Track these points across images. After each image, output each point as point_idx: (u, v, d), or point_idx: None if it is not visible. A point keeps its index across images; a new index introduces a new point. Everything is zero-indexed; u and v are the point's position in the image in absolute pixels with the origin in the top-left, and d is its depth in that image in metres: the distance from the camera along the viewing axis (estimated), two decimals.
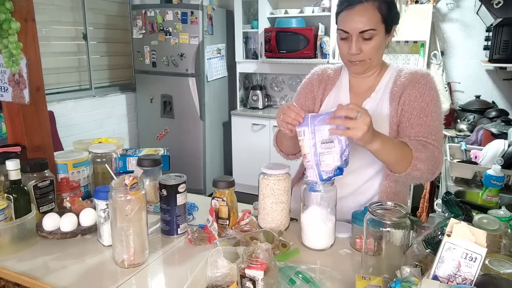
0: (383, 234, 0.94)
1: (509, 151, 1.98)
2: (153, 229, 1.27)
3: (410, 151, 1.15)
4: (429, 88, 1.26)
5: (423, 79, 1.27)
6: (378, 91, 1.32)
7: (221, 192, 1.22)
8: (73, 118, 3.77)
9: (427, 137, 1.22)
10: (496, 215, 1.04)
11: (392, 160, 1.17)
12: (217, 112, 4.31)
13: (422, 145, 1.19)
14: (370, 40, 1.20)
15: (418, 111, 1.24)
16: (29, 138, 1.36)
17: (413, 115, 1.24)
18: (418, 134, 1.22)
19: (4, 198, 1.15)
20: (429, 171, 1.19)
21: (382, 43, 1.24)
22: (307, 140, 1.07)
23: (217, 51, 4.17)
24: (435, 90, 1.27)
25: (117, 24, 4.29)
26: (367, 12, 1.18)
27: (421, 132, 1.22)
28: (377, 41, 1.21)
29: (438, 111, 1.26)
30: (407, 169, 1.16)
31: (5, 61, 1.24)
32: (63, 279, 1.01)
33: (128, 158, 1.49)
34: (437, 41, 3.59)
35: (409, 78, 1.28)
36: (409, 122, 1.25)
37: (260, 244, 0.90)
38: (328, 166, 1.08)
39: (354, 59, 1.24)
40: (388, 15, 1.21)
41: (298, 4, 4.02)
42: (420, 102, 1.24)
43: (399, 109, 1.27)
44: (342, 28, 1.22)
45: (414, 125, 1.23)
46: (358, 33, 1.19)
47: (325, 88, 1.41)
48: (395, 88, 1.29)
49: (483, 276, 0.78)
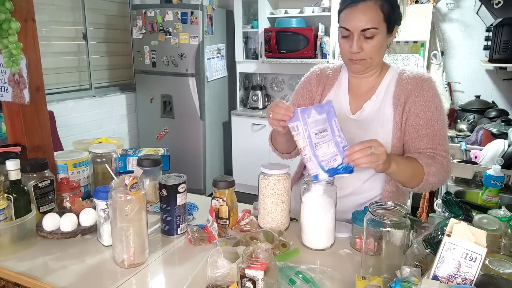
0: (383, 234, 0.94)
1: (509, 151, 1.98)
2: (153, 229, 1.27)
3: (421, 167, 1.18)
4: (433, 95, 1.26)
5: (426, 84, 1.27)
6: (379, 94, 1.31)
7: (221, 192, 1.22)
8: (73, 118, 3.77)
9: (435, 148, 1.24)
10: (496, 215, 1.04)
11: (406, 178, 1.21)
12: (217, 112, 4.31)
13: (431, 159, 1.21)
14: (372, 39, 1.20)
15: (425, 121, 1.25)
16: (29, 138, 1.36)
17: (420, 125, 1.25)
18: (427, 146, 1.24)
19: (4, 198, 1.14)
20: (440, 182, 1.23)
21: (384, 43, 1.24)
22: (301, 133, 1.08)
23: (217, 51, 4.17)
24: (438, 97, 1.28)
25: (117, 24, 4.29)
26: (369, 11, 1.18)
27: (430, 144, 1.24)
28: (378, 40, 1.21)
29: (443, 118, 1.27)
30: (419, 184, 1.20)
31: (5, 61, 1.24)
32: (63, 279, 1.01)
33: (128, 158, 1.49)
34: (437, 41, 3.59)
35: (412, 83, 1.28)
36: (417, 134, 1.25)
37: (260, 244, 0.90)
38: (326, 155, 1.09)
39: (354, 57, 1.23)
40: (390, 15, 1.20)
41: (298, 4, 4.02)
42: (426, 111, 1.25)
43: (404, 116, 1.27)
44: (344, 26, 1.22)
45: (423, 136, 1.25)
46: (360, 31, 1.19)
47: (323, 88, 1.40)
48: (397, 91, 1.28)
49: (483, 276, 0.78)
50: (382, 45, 1.23)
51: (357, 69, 1.29)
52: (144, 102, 4.28)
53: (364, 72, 1.31)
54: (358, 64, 1.25)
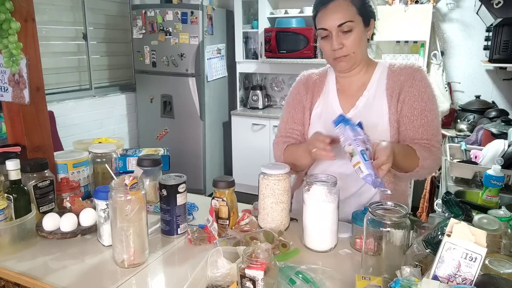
0: (383, 234, 0.94)
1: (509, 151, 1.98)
2: (153, 229, 1.27)
3: (417, 159, 1.23)
4: (425, 85, 1.29)
5: (418, 74, 1.29)
6: (370, 88, 1.33)
7: (221, 192, 1.22)
8: (73, 118, 3.77)
9: (430, 140, 1.27)
10: (496, 215, 1.04)
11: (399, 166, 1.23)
12: (217, 112, 4.31)
13: (428, 152, 1.26)
14: (350, 32, 1.22)
15: (419, 111, 1.27)
16: (29, 138, 1.36)
17: (414, 115, 1.27)
18: (422, 137, 1.27)
19: (4, 198, 1.14)
20: (429, 173, 1.31)
21: (363, 36, 1.26)
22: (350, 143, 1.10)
23: (217, 51, 4.17)
24: (430, 86, 1.31)
25: (117, 24, 4.29)
26: (341, 8, 1.21)
27: (425, 134, 1.27)
28: (357, 33, 1.23)
29: (436, 107, 1.31)
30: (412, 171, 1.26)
31: (5, 61, 1.24)
32: (63, 279, 1.01)
33: (128, 158, 1.49)
34: (437, 41, 3.59)
35: (404, 73, 1.30)
36: (412, 124, 1.28)
37: (260, 244, 0.89)
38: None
39: (338, 55, 1.25)
40: (362, 7, 1.23)
41: (298, 4, 4.02)
42: (420, 102, 1.27)
43: (398, 106, 1.29)
44: (321, 27, 1.25)
45: (418, 127, 1.27)
46: (337, 28, 1.21)
47: (312, 95, 1.41)
48: (391, 83, 1.30)
49: (483, 276, 0.78)
50: (361, 38, 1.25)
51: (343, 67, 1.29)
52: (144, 102, 4.28)
53: (351, 69, 1.32)
54: (343, 61, 1.27)
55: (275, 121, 3.98)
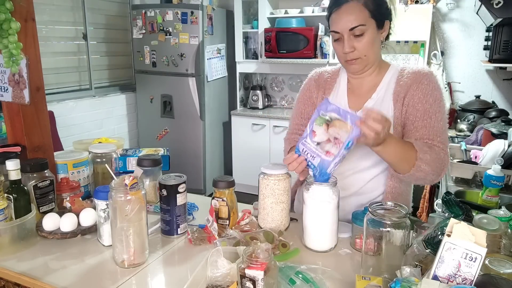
0: (383, 234, 0.94)
1: (509, 151, 1.98)
2: (153, 229, 1.27)
3: (415, 152, 1.16)
4: (432, 88, 1.26)
5: (426, 79, 1.27)
6: (380, 91, 1.31)
7: (221, 192, 1.22)
8: (73, 118, 3.77)
9: (432, 139, 1.23)
10: (496, 215, 1.04)
11: (394, 160, 1.18)
12: (217, 112, 4.31)
13: (428, 147, 1.19)
14: (362, 36, 1.21)
15: (422, 113, 1.24)
16: (29, 138, 1.36)
17: (417, 117, 1.25)
18: (423, 137, 1.23)
19: (4, 198, 1.14)
20: (434, 173, 1.20)
21: (375, 39, 1.24)
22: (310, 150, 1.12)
23: (217, 51, 4.17)
24: (438, 90, 1.27)
25: (117, 24, 4.29)
26: (353, 10, 1.20)
27: (426, 135, 1.23)
28: (369, 36, 1.22)
29: (442, 111, 1.26)
30: (410, 169, 1.17)
31: (5, 61, 1.24)
32: (63, 279, 1.01)
33: (128, 158, 1.49)
34: (437, 41, 3.59)
35: (412, 78, 1.28)
36: (413, 125, 1.25)
37: (260, 244, 0.89)
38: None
39: (349, 57, 1.25)
40: (376, 10, 1.22)
41: (298, 4, 4.02)
42: (424, 103, 1.24)
43: (403, 110, 1.27)
44: (333, 29, 1.24)
45: (419, 128, 1.24)
46: (348, 31, 1.21)
47: (324, 92, 1.41)
48: (398, 88, 1.29)
49: (483, 276, 0.78)
50: (373, 41, 1.24)
51: (355, 69, 1.29)
52: (144, 102, 4.28)
53: (363, 71, 1.31)
54: (355, 64, 1.26)
55: (275, 121, 3.98)
